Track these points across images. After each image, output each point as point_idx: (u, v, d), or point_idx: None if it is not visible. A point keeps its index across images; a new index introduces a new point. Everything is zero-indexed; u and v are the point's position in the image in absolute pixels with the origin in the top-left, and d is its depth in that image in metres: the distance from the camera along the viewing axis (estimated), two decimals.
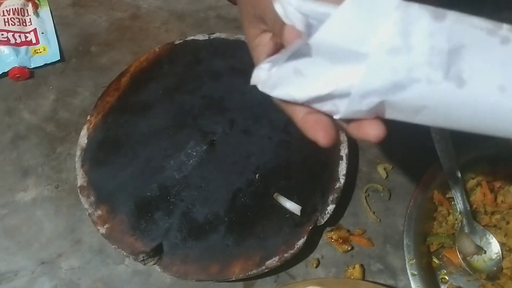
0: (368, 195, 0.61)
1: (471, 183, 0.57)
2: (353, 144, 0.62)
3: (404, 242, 0.53)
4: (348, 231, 0.59)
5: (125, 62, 0.68)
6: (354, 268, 0.56)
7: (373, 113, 0.30)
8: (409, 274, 0.52)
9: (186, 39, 0.67)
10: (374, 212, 0.60)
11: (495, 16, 0.30)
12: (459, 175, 0.56)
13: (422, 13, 0.28)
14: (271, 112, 0.61)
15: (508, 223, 0.55)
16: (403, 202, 0.59)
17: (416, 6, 0.28)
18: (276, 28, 0.31)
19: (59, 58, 0.69)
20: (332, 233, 0.58)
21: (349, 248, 0.57)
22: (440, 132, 0.56)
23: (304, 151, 0.60)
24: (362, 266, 0.56)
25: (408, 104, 0.29)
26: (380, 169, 0.62)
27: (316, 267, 0.57)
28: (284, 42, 0.30)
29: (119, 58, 0.69)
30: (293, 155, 0.59)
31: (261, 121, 0.61)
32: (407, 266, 0.52)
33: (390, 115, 0.30)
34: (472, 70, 0.27)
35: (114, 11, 0.73)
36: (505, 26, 0.28)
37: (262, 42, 0.34)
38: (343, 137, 0.59)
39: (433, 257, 0.56)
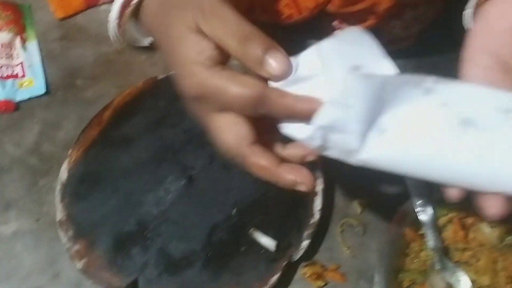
0: (343, 230, 0.62)
1: (444, 219, 0.59)
2: (329, 179, 0.63)
3: (375, 279, 0.54)
4: (323, 266, 0.59)
5: (110, 95, 0.69)
6: None
7: (322, 147, 0.34)
8: None
9: (169, 74, 0.68)
10: (348, 247, 0.61)
11: None
12: (431, 212, 0.57)
13: (361, 81, 0.32)
14: None
15: (478, 260, 0.56)
16: (377, 237, 0.60)
17: (356, 75, 0.32)
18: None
19: (45, 91, 0.70)
20: (307, 268, 0.59)
21: (323, 284, 0.58)
22: None
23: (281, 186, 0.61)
24: None
25: (342, 148, 0.33)
26: (356, 204, 0.63)
27: None
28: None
29: (104, 92, 0.71)
30: (271, 190, 0.61)
31: None
32: None
33: (335, 153, 0.35)
34: (392, 120, 0.32)
35: (100, 45, 0.75)
36: (429, 79, 0.32)
37: (206, 46, 0.34)
38: (319, 173, 0.61)
39: None
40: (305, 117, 0.34)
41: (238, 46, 0.33)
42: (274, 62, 0.33)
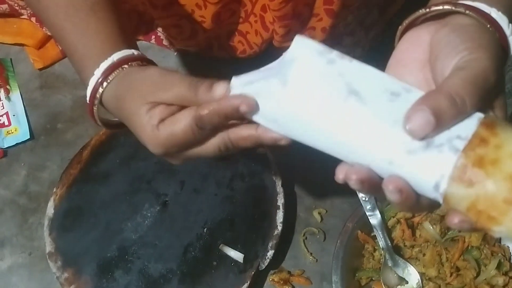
0: (306, 238, 0.69)
1: (392, 221, 0.66)
2: (290, 193, 0.70)
3: (333, 279, 0.61)
4: (289, 272, 0.66)
5: (88, 135, 0.76)
6: None
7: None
8: None
9: None
10: (311, 254, 0.67)
11: None
12: (379, 215, 0.64)
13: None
14: (217, 171, 0.70)
15: (424, 255, 0.63)
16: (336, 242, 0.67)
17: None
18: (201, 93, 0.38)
19: (29, 137, 0.77)
20: (274, 275, 0.65)
21: None
22: None
23: (246, 204, 0.68)
24: None
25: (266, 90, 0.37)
26: (316, 214, 0.70)
27: None
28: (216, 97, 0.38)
29: (83, 133, 0.78)
30: (237, 209, 0.67)
31: (208, 179, 0.70)
32: None
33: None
34: (295, 76, 0.36)
35: (77, 89, 0.82)
36: (335, 52, 0.36)
37: (156, 111, 0.40)
38: (279, 189, 0.68)
39: None
40: (235, 111, 0.37)
41: (192, 95, 0.39)
42: (219, 89, 0.38)
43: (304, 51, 0.36)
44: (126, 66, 0.43)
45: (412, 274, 0.63)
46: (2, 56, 0.85)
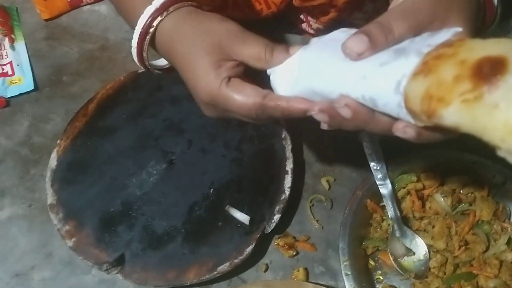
0: (313, 205, 0.67)
1: (402, 192, 0.64)
2: (299, 160, 0.69)
3: (339, 246, 0.60)
4: (294, 237, 0.65)
5: (94, 90, 0.74)
6: (298, 271, 0.62)
7: None
8: (343, 274, 0.58)
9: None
10: (317, 220, 0.66)
11: None
12: (390, 185, 0.62)
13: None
14: (226, 132, 0.68)
15: (433, 227, 0.62)
16: (343, 210, 0.65)
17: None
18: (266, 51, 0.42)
19: (33, 88, 0.75)
20: (279, 239, 0.64)
21: (295, 253, 0.64)
22: (371, 146, 0.63)
23: (255, 167, 0.66)
24: (306, 269, 0.63)
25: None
26: (324, 181, 0.68)
27: (265, 271, 0.63)
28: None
29: (89, 86, 0.76)
30: (245, 171, 0.66)
31: (217, 140, 0.68)
32: (341, 267, 0.59)
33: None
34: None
35: (84, 43, 0.80)
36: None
37: (227, 65, 0.42)
38: (289, 154, 0.66)
39: (370, 259, 0.63)
40: (297, 115, 0.41)
41: (269, 55, 0.42)
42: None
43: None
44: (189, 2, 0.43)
45: (419, 246, 0.62)
46: (8, 4, 0.82)
